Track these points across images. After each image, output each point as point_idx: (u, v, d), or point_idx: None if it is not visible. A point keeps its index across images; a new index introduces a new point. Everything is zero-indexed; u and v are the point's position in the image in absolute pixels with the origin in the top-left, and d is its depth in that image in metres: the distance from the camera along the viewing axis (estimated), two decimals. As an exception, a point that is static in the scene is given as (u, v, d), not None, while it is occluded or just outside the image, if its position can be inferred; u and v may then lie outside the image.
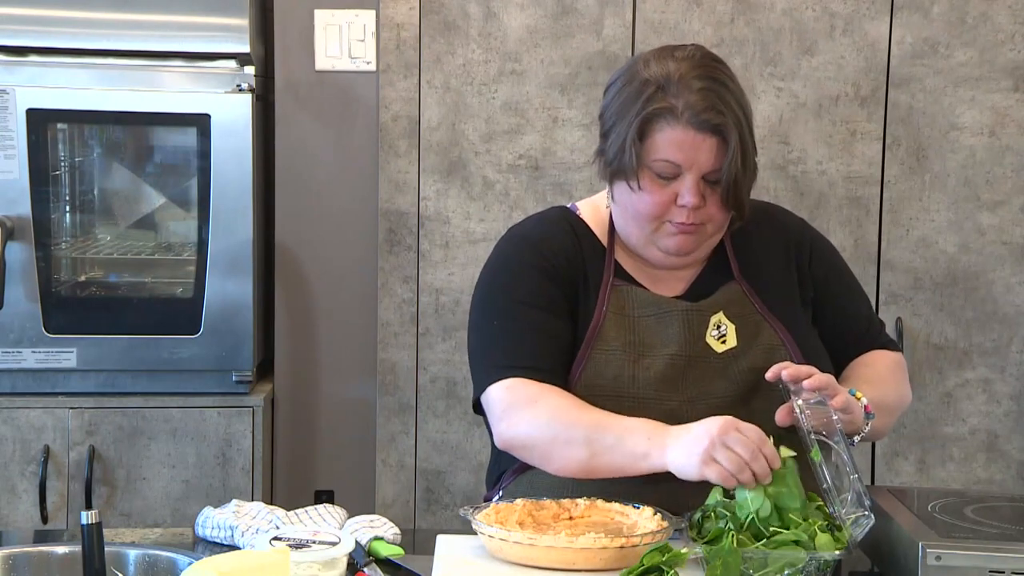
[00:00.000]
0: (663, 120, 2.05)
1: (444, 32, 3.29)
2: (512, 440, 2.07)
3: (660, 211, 2.08)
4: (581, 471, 2.02)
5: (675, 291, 2.18)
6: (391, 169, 3.31)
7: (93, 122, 3.28)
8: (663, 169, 2.06)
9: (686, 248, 2.12)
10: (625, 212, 2.14)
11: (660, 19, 3.28)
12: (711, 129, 2.04)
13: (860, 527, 1.81)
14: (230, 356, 3.22)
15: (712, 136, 2.04)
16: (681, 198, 2.06)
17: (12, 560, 1.80)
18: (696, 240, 2.12)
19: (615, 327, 2.12)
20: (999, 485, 3.37)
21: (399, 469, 3.36)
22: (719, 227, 2.14)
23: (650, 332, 2.12)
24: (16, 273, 3.15)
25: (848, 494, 1.84)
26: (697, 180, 2.06)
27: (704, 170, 2.06)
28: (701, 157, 2.05)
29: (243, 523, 1.95)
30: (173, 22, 3.22)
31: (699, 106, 2.04)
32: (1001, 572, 1.66)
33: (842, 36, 3.30)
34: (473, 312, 2.22)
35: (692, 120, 2.04)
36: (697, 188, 2.06)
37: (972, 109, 3.32)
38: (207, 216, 3.20)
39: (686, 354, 2.11)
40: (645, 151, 2.06)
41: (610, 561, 1.81)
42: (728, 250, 2.21)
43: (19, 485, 3.17)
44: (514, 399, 2.07)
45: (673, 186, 2.07)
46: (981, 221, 3.34)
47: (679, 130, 2.04)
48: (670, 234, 2.10)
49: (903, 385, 2.28)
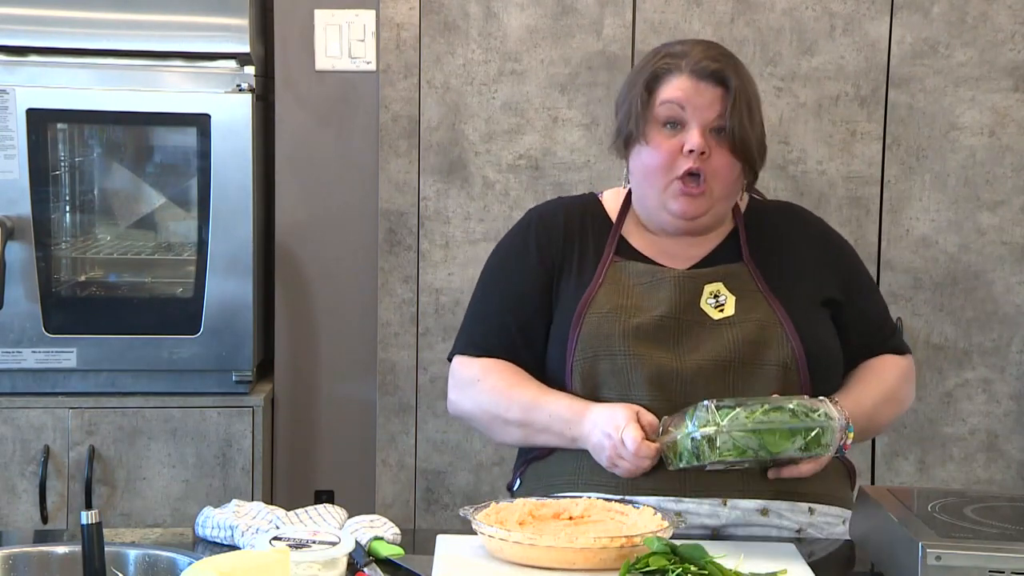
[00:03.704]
0: (668, 73, 2.18)
1: (444, 32, 3.29)
2: (458, 414, 2.31)
3: (668, 160, 2.16)
4: (519, 444, 2.26)
5: (681, 266, 2.24)
6: (391, 169, 3.31)
7: (93, 122, 3.28)
8: (669, 113, 2.16)
9: (692, 210, 2.18)
10: (638, 177, 2.23)
11: (660, 19, 3.28)
12: (712, 76, 2.15)
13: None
14: (230, 356, 3.22)
15: (714, 85, 2.15)
16: (686, 144, 2.14)
17: (12, 560, 1.80)
18: (703, 203, 2.18)
19: (607, 294, 2.20)
20: (999, 485, 3.37)
21: (399, 469, 3.36)
22: (727, 188, 2.20)
23: (641, 296, 2.20)
24: (16, 273, 3.15)
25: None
26: (702, 128, 2.15)
27: (708, 119, 2.15)
28: (703, 103, 2.15)
29: (243, 523, 1.95)
30: (173, 22, 3.22)
31: (700, 56, 2.17)
32: (1001, 572, 1.66)
33: (842, 36, 3.30)
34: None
35: (694, 68, 2.16)
36: (701, 134, 2.14)
37: (972, 109, 3.32)
38: (207, 216, 3.20)
39: (676, 316, 2.17)
40: (652, 105, 2.17)
41: (610, 561, 1.81)
42: (741, 235, 2.26)
43: (19, 485, 3.17)
44: (462, 376, 2.28)
45: (679, 136, 2.16)
46: (981, 221, 3.34)
47: (682, 78, 2.16)
48: (675, 196, 2.17)
49: (904, 389, 2.32)
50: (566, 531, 1.87)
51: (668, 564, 1.74)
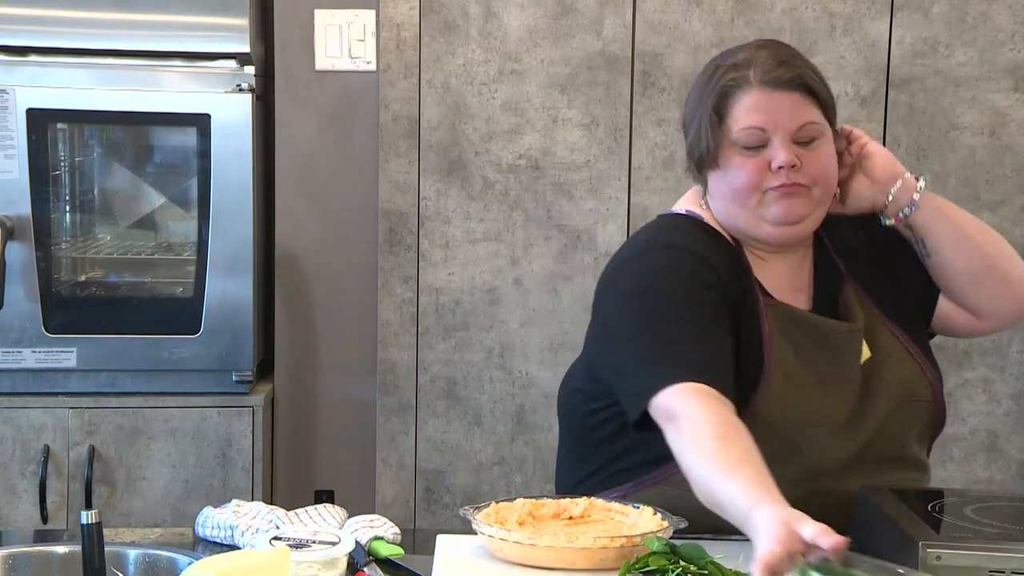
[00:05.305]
0: (738, 90, 1.99)
1: (444, 32, 3.29)
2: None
3: (756, 180, 1.99)
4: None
5: (801, 301, 2.08)
6: (391, 169, 3.31)
7: (93, 122, 3.28)
8: (750, 139, 1.99)
9: (795, 213, 2.01)
10: (724, 199, 2.04)
11: (660, 19, 3.28)
12: (787, 84, 1.98)
13: None
14: (230, 356, 3.22)
15: (791, 91, 1.98)
16: (774, 161, 1.98)
17: (12, 560, 1.79)
18: (804, 204, 2.01)
19: (782, 352, 2.00)
20: (999, 485, 3.37)
21: (399, 469, 3.36)
22: (826, 191, 2.03)
23: (824, 360, 2.02)
24: (16, 273, 3.15)
25: None
26: (786, 140, 1.98)
27: (791, 128, 1.98)
28: (783, 116, 1.98)
29: (243, 523, 1.95)
30: (173, 22, 3.22)
31: (769, 65, 1.98)
32: (1001, 572, 1.65)
33: (842, 36, 3.30)
34: (618, 321, 2.03)
35: (765, 80, 1.98)
36: (788, 147, 1.98)
37: (972, 109, 3.32)
38: (207, 216, 3.20)
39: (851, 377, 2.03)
40: (727, 128, 2.00)
41: (610, 561, 1.81)
42: (828, 246, 2.13)
43: (19, 485, 3.17)
44: (673, 408, 1.87)
45: (763, 154, 1.99)
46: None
47: (755, 94, 1.98)
48: (774, 200, 2.00)
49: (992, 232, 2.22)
50: (566, 531, 1.87)
51: (668, 564, 1.74)
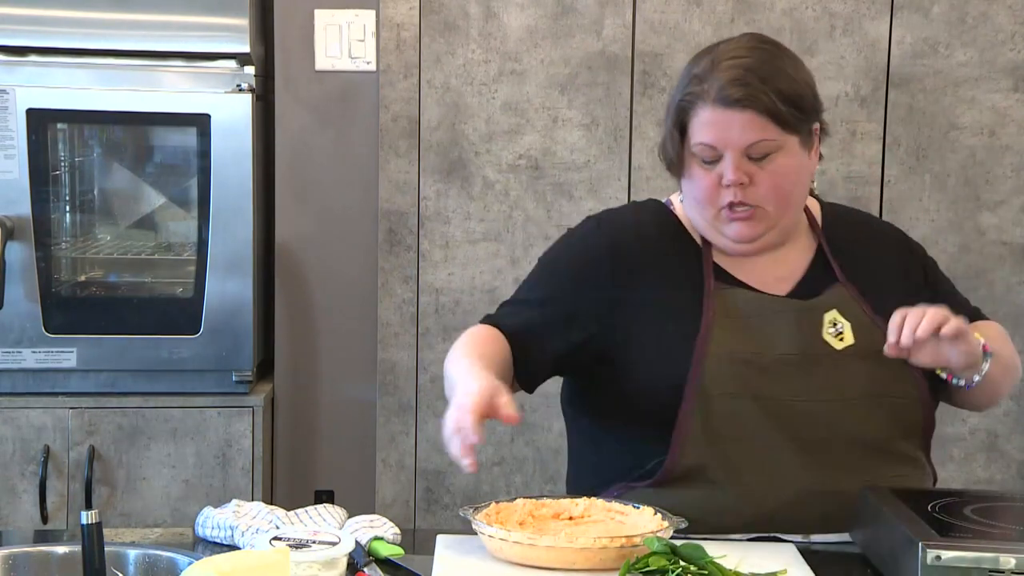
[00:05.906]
0: (695, 106, 2.05)
1: (444, 32, 3.29)
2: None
3: (710, 195, 2.07)
4: None
5: (781, 292, 2.13)
6: (391, 169, 3.31)
7: (93, 122, 3.28)
8: (703, 153, 2.06)
9: (747, 235, 2.09)
10: (689, 204, 2.14)
11: (660, 19, 3.28)
12: (737, 104, 2.01)
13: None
14: (230, 356, 3.22)
15: (741, 110, 2.02)
16: (724, 178, 2.04)
17: (12, 560, 1.79)
18: (756, 226, 2.08)
19: (723, 330, 2.06)
20: (999, 485, 3.37)
21: (399, 469, 3.36)
22: (784, 207, 2.09)
23: (762, 333, 2.07)
24: (16, 273, 3.15)
25: None
26: (737, 157, 2.03)
27: (740, 146, 2.03)
28: (734, 133, 2.02)
29: (243, 523, 1.95)
30: (173, 22, 3.22)
31: (724, 81, 2.02)
32: (1001, 572, 1.66)
33: (842, 36, 3.30)
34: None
35: (718, 97, 2.02)
36: (737, 165, 2.04)
37: (972, 109, 3.32)
38: (207, 216, 3.20)
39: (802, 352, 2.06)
40: (688, 140, 2.07)
41: (610, 561, 1.81)
42: (826, 251, 2.16)
43: (19, 485, 3.17)
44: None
45: (718, 168, 2.05)
46: (981, 221, 3.34)
47: (708, 110, 2.04)
48: (726, 221, 2.08)
49: (1010, 347, 2.21)
50: (566, 531, 1.86)
51: (668, 564, 1.74)
